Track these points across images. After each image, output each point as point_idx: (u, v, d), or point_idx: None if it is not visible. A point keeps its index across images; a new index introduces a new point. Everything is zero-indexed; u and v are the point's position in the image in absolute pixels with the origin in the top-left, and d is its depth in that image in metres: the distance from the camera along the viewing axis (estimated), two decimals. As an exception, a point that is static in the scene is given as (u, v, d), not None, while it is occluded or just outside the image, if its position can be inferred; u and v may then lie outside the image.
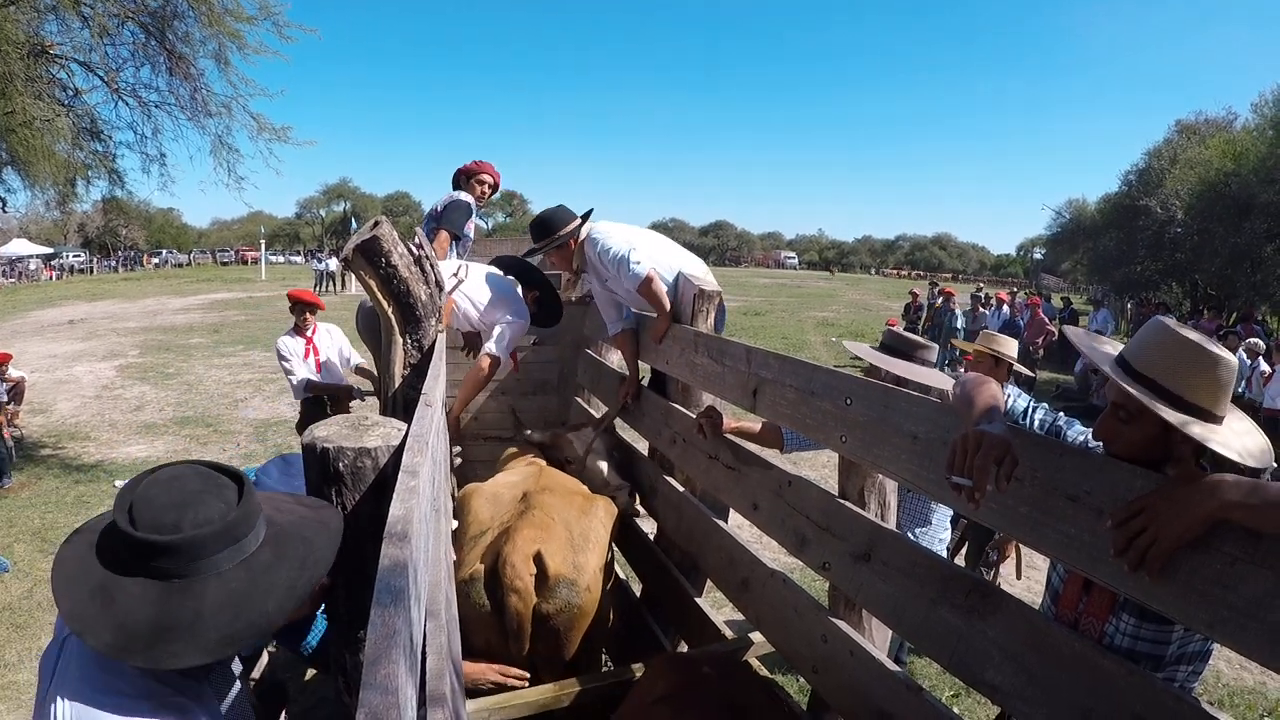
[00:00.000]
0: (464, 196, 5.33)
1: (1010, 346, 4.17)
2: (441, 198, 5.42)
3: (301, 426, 6.19)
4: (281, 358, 6.19)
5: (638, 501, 3.77)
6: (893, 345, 3.21)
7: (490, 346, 4.02)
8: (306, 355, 6.20)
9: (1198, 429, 1.42)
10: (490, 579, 2.68)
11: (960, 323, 15.39)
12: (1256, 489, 1.21)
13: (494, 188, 5.60)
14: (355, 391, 6.33)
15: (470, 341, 4.59)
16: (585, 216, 3.77)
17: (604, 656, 3.44)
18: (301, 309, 6.22)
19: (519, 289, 4.20)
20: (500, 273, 4.28)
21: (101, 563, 1.15)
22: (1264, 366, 10.62)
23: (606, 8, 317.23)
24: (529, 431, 4.23)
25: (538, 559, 2.70)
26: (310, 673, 4.18)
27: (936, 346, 3.29)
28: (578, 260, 3.79)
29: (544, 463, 3.78)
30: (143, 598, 1.12)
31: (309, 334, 6.26)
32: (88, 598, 1.11)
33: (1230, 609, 1.21)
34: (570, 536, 2.86)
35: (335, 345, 6.41)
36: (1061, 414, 2.23)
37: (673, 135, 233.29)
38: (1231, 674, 4.80)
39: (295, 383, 6.15)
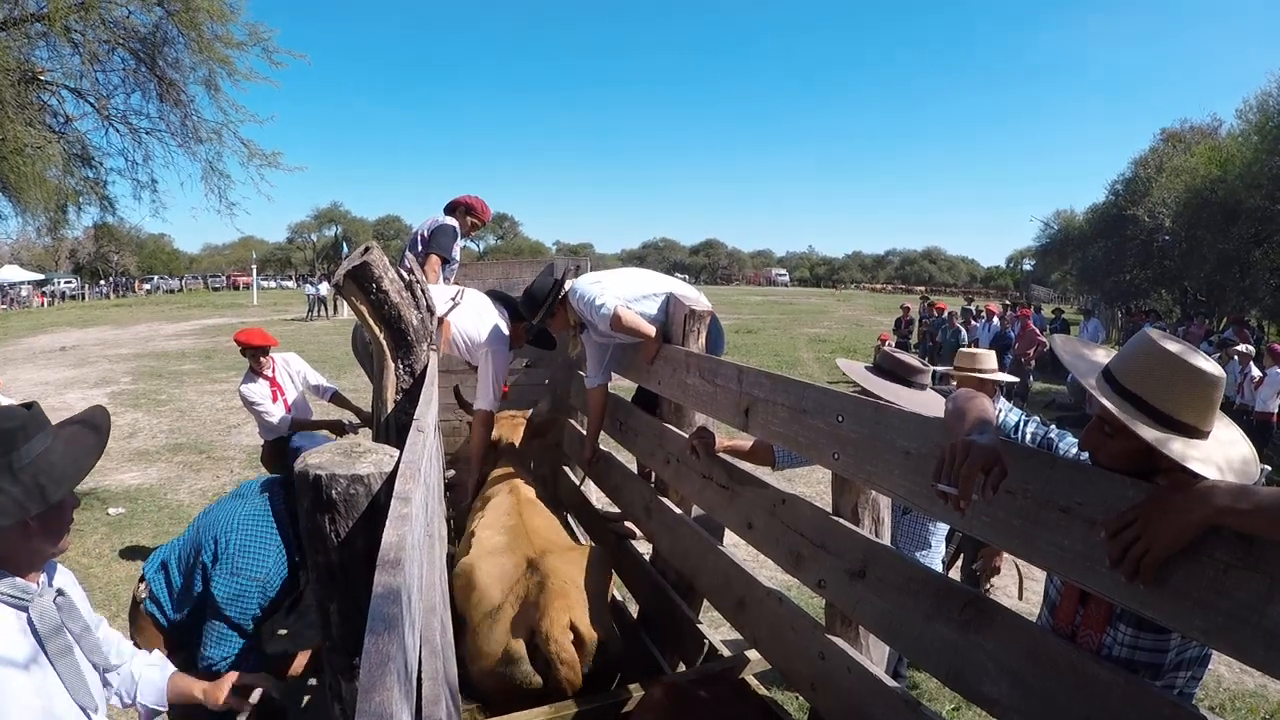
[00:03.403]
0: (450, 221, 5.37)
1: (988, 361, 4.13)
2: (425, 221, 5.45)
3: (269, 464, 5.88)
4: (251, 402, 5.74)
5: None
6: (886, 368, 2.92)
7: (480, 403, 4.16)
8: (274, 399, 5.76)
9: (1177, 446, 1.43)
10: (534, 655, 2.74)
11: (964, 339, 15.29)
12: (1246, 494, 1.22)
13: (481, 225, 5.72)
14: (348, 425, 5.92)
15: (461, 403, 4.61)
16: (561, 274, 3.86)
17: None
18: (254, 353, 5.73)
19: (505, 321, 4.24)
20: (491, 304, 4.32)
21: None
22: (1254, 372, 10.68)
23: (596, 30, 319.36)
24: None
25: (572, 628, 2.76)
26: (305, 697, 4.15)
27: (930, 369, 3.00)
28: (572, 316, 3.87)
29: (520, 482, 3.85)
30: None
31: (269, 374, 5.81)
32: None
33: (1224, 615, 1.22)
34: (584, 597, 2.90)
35: (298, 378, 6.02)
36: (1053, 426, 2.23)
37: (663, 155, 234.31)
38: (1232, 678, 4.79)
39: (275, 421, 5.74)
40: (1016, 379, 5.99)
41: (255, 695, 2.20)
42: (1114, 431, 1.58)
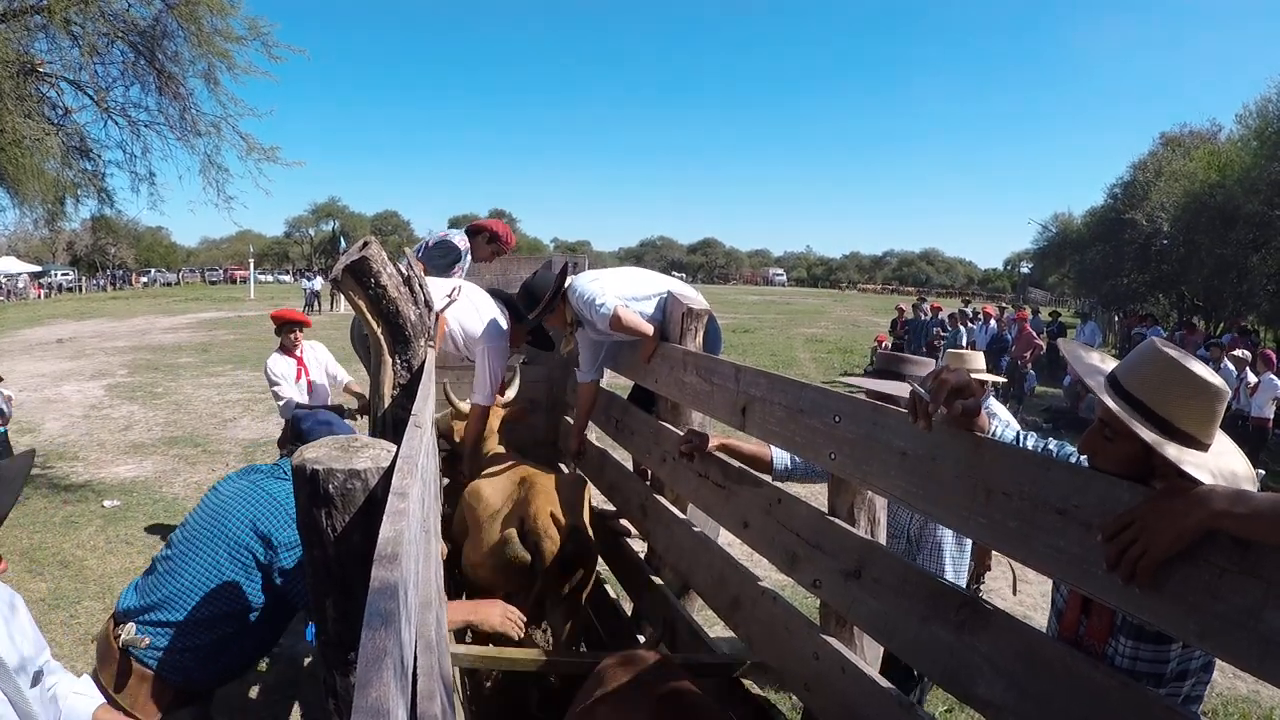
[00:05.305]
0: (456, 241, 5.24)
1: (977, 361, 4.12)
2: (435, 235, 5.38)
3: (284, 442, 6.01)
4: (271, 380, 6.01)
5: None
6: (882, 367, 3.30)
7: (477, 397, 4.13)
8: (298, 377, 6.04)
9: (1173, 450, 1.44)
10: (523, 535, 3.33)
11: (964, 340, 15.31)
12: (1244, 498, 1.22)
13: (503, 253, 5.61)
14: (344, 410, 6.00)
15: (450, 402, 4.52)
16: (564, 271, 3.82)
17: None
18: (289, 328, 6.07)
19: (504, 318, 4.20)
20: (490, 300, 4.28)
21: None
22: (1250, 377, 10.70)
23: (595, 27, 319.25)
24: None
25: (552, 516, 3.38)
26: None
27: (932, 361, 3.31)
28: (569, 314, 3.84)
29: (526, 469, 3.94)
30: None
31: (298, 353, 6.11)
32: None
33: (1220, 619, 1.21)
34: (559, 500, 3.51)
35: (322, 363, 6.28)
36: (1051, 440, 2.23)
37: (661, 153, 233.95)
38: (1225, 683, 4.80)
39: (294, 400, 5.96)
40: (1005, 379, 6.00)
41: None
42: (1114, 435, 1.59)
